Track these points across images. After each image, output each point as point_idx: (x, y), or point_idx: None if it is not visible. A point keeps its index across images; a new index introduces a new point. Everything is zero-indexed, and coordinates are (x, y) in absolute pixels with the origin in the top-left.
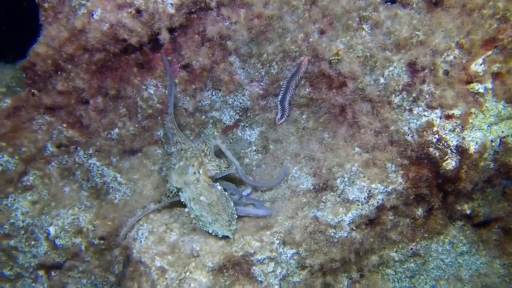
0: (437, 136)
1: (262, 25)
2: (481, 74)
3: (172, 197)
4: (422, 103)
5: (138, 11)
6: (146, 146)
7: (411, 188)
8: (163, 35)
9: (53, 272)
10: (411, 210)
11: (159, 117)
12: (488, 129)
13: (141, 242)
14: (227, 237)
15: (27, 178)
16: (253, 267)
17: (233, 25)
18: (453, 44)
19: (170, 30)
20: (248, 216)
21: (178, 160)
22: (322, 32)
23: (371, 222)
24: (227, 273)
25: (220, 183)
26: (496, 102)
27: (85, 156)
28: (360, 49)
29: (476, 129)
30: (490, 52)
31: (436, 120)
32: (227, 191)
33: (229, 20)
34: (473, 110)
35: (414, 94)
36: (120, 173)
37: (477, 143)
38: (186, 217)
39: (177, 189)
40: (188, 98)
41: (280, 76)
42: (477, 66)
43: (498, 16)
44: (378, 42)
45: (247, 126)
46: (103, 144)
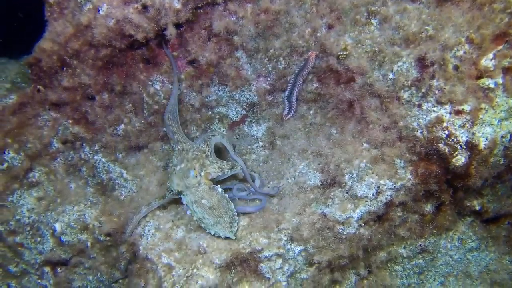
0: (447, 132)
1: (269, 20)
2: (492, 69)
3: (176, 195)
4: (432, 99)
5: (144, 7)
6: (152, 142)
7: (420, 184)
8: (170, 31)
9: (59, 269)
10: (420, 206)
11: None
12: (498, 125)
13: (148, 239)
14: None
15: (33, 175)
16: (261, 264)
17: (240, 20)
18: (463, 39)
19: (177, 26)
20: (255, 213)
21: (179, 162)
22: (330, 27)
23: (380, 219)
24: (235, 270)
25: (228, 181)
26: (507, 97)
27: (91, 152)
28: (369, 44)
29: (486, 125)
30: (501, 47)
31: (446, 116)
32: (234, 188)
33: (236, 15)
34: (483, 106)
35: (424, 90)
36: (126, 169)
37: (487, 139)
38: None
39: (178, 192)
40: (195, 94)
41: (288, 71)
42: (488, 61)
43: (510, 10)
44: (387, 37)
45: (254, 122)
46: (109, 140)
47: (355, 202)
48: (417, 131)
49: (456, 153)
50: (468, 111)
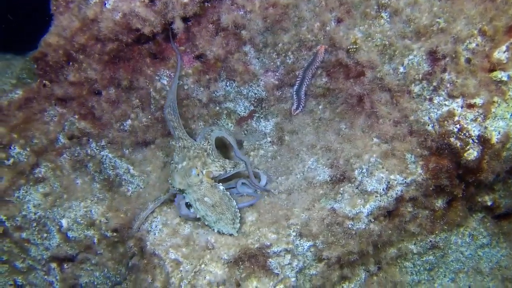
0: (459, 126)
1: (278, 14)
2: (505, 62)
3: (178, 192)
4: (443, 92)
5: (152, 0)
6: (159, 138)
7: (431, 179)
8: (177, 24)
9: (66, 265)
10: (431, 202)
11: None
12: (511, 118)
13: (155, 235)
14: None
15: (39, 170)
16: (269, 260)
17: (248, 14)
18: (476, 31)
19: (184, 20)
20: (263, 208)
21: (181, 159)
22: (339, 21)
23: (390, 214)
24: (243, 266)
25: (230, 180)
26: None
27: (98, 148)
28: (379, 38)
29: (499, 119)
30: None
31: (458, 110)
32: (238, 184)
33: (244, 9)
34: (496, 99)
35: (435, 83)
36: (133, 165)
37: (500, 133)
38: None
39: (180, 190)
40: (202, 89)
41: (296, 66)
42: (501, 54)
43: None
44: (398, 30)
45: (262, 117)
46: (116, 136)
47: (365, 198)
48: (428, 125)
49: (468, 148)
50: (480, 105)
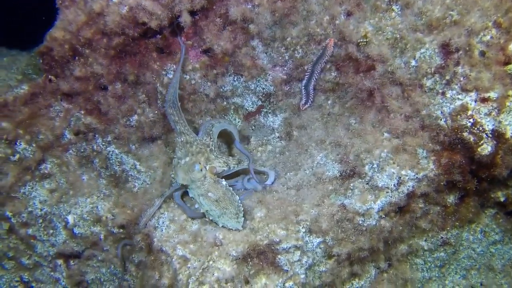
0: (472, 120)
1: (286, 8)
2: None
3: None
4: (456, 86)
5: None
6: (166, 133)
7: (443, 175)
8: (184, 18)
9: (72, 261)
10: (443, 198)
11: (179, 104)
12: None
13: (162, 231)
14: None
15: (45, 166)
16: (279, 256)
17: (256, 8)
18: (490, 23)
19: (191, 13)
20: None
21: (184, 155)
22: (349, 14)
23: (401, 210)
24: (252, 262)
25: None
26: None
27: (104, 144)
28: (390, 31)
29: None
30: None
31: (471, 104)
32: (246, 181)
33: (252, 3)
34: (511, 93)
35: (448, 77)
36: (140, 161)
37: None
38: None
39: (183, 186)
40: (209, 84)
41: (305, 60)
42: None
43: None
44: (409, 23)
45: (270, 112)
46: (122, 131)
47: (376, 193)
48: (441, 120)
49: (482, 142)
50: (495, 99)
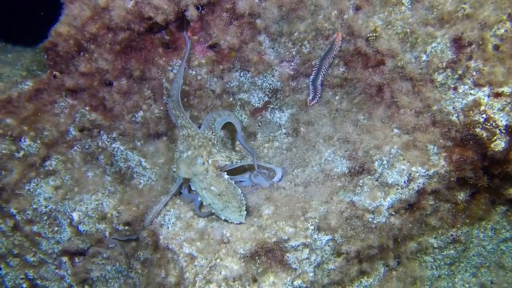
0: (485, 116)
1: (293, 2)
2: None
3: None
4: (469, 81)
5: None
6: (172, 130)
7: (454, 171)
8: (191, 12)
9: (77, 259)
10: (453, 195)
11: (185, 99)
12: None
13: (168, 228)
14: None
15: (50, 163)
16: (287, 254)
17: (263, 2)
18: (505, 16)
19: (198, 7)
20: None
21: (186, 148)
22: (358, 8)
23: (411, 207)
24: (260, 260)
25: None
26: None
27: (109, 140)
28: (400, 25)
29: None
30: None
31: (484, 99)
32: (253, 176)
33: None
34: None
35: (460, 72)
36: (145, 158)
37: None
38: None
39: (185, 179)
40: (216, 80)
41: (312, 56)
42: None
43: None
44: (420, 17)
45: (277, 108)
46: (127, 128)
47: (386, 190)
48: (452, 115)
49: (495, 138)
50: (509, 94)
